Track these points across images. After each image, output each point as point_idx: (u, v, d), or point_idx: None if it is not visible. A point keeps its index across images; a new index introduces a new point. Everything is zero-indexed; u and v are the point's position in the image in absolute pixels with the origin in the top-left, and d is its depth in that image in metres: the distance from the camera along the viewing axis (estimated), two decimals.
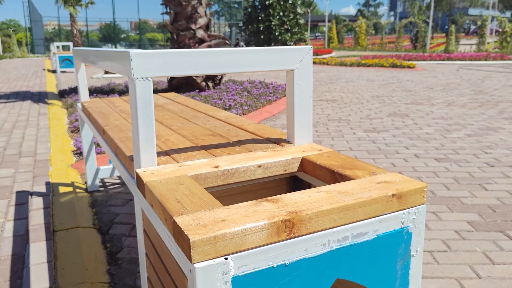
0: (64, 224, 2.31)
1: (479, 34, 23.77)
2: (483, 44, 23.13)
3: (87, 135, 2.71)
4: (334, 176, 1.10)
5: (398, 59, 14.91)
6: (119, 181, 2.98)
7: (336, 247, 0.88)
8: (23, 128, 4.61)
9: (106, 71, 11.08)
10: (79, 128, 2.77)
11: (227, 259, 0.76)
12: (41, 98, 6.98)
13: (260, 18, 17.84)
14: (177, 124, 1.73)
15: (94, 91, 7.11)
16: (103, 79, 10.07)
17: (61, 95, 7.21)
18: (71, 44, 13.35)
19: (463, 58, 15.38)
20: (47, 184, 2.89)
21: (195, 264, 0.73)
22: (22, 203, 2.56)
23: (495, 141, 3.80)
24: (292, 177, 1.39)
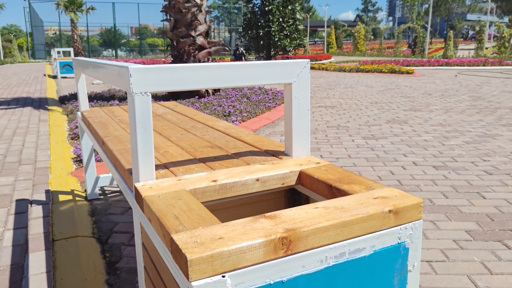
0: (63, 233, 2.31)
1: (477, 39, 23.88)
2: (481, 49, 23.22)
3: (86, 143, 2.72)
4: (332, 191, 1.11)
5: (397, 64, 14.97)
6: (118, 189, 2.98)
7: (333, 263, 0.89)
8: (23, 135, 4.61)
9: None
10: (79, 136, 2.78)
11: (224, 277, 0.76)
12: (41, 104, 6.99)
13: (259, 23, 17.92)
14: (176, 135, 1.74)
15: (94, 98, 7.13)
16: (103, 85, 10.10)
17: (61, 101, 7.23)
18: (71, 49, 13.40)
19: (461, 63, 15.44)
20: (47, 192, 2.90)
21: (192, 282, 0.74)
22: (21, 211, 2.56)
23: (493, 148, 3.81)
24: (290, 189, 1.39)
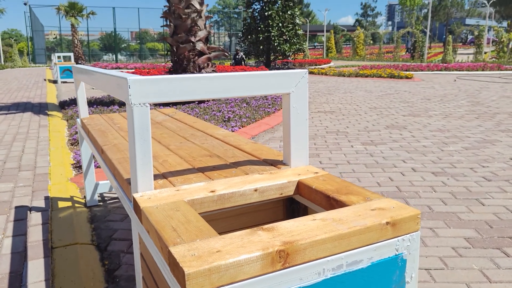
0: (62, 240, 2.31)
1: (476, 44, 23.96)
2: (480, 54, 23.29)
3: (86, 150, 2.73)
4: (330, 201, 1.11)
5: (396, 69, 15.00)
6: (118, 195, 2.98)
7: (331, 276, 0.89)
8: (23, 140, 4.62)
9: None
10: (79, 142, 2.79)
11: None
12: (41, 109, 7.00)
13: (259, 28, 17.97)
14: (175, 144, 1.75)
15: (94, 103, 7.14)
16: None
17: (61, 106, 7.24)
18: (71, 54, 13.42)
19: (460, 68, 15.48)
20: (46, 198, 2.90)
21: None
22: (21, 218, 2.56)
23: (492, 154, 3.82)
24: (289, 198, 1.40)
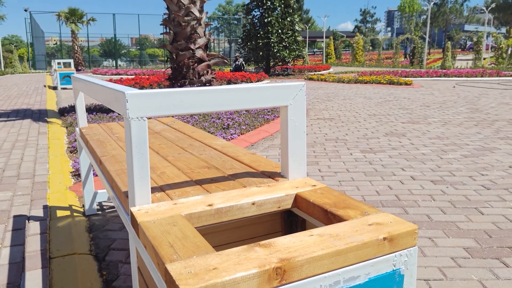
0: (60, 250, 2.30)
1: (475, 50, 24.06)
2: (479, 60, 23.38)
3: (85, 159, 2.73)
4: (327, 216, 1.11)
5: (395, 75, 15.04)
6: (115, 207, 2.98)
7: None
8: (22, 148, 4.62)
9: None
10: (78, 150, 2.79)
11: None
12: (41, 116, 7.01)
13: (259, 35, 18.04)
14: (173, 154, 1.75)
15: (94, 110, 7.15)
16: None
17: (61, 113, 7.25)
18: (71, 61, 13.46)
19: (459, 74, 15.52)
20: (45, 207, 2.89)
21: None
22: (19, 228, 2.56)
23: (491, 162, 3.82)
24: (287, 211, 1.40)
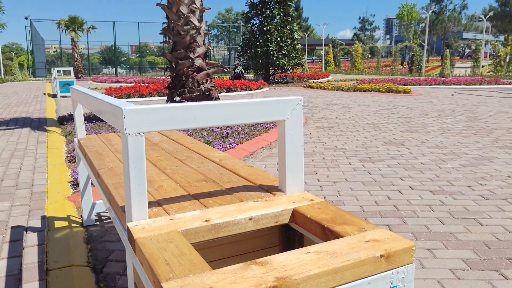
0: (58, 262, 2.29)
1: (474, 58, 24.18)
2: (478, 67, 23.49)
3: (83, 170, 2.72)
4: (324, 231, 1.11)
5: (394, 83, 15.10)
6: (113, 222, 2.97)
7: None
8: (21, 157, 4.62)
9: None
10: (76, 161, 2.79)
11: None
12: (40, 125, 7.02)
13: (258, 43, 18.13)
14: (171, 167, 1.75)
15: (93, 118, 7.16)
16: None
17: (60, 121, 7.26)
18: (71, 69, 13.51)
19: (458, 82, 15.58)
20: (43, 218, 2.88)
21: None
22: (16, 239, 2.55)
23: (490, 171, 3.82)
24: (284, 225, 1.39)
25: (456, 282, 1.98)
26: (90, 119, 7.07)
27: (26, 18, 30.00)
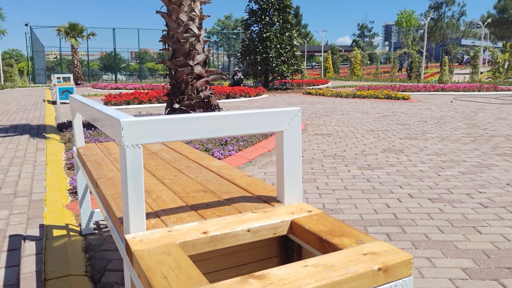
0: (56, 271, 2.28)
1: (472, 64, 24.29)
2: (476, 74, 23.58)
3: (82, 178, 2.72)
4: (323, 244, 1.11)
5: (393, 90, 15.14)
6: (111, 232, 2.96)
7: None
8: (20, 165, 4.61)
9: (105, 104, 11.20)
10: (75, 169, 2.79)
11: None
12: (39, 132, 7.02)
13: (257, 49, 18.21)
14: (169, 177, 1.75)
15: (93, 125, 7.16)
16: None
17: (59, 128, 7.26)
18: (71, 76, 13.54)
19: (457, 88, 15.63)
20: (41, 226, 2.88)
21: None
22: (14, 248, 2.54)
23: (489, 179, 3.82)
24: (283, 236, 1.39)
25: None
26: (90, 126, 7.07)
27: (27, 25, 30.13)
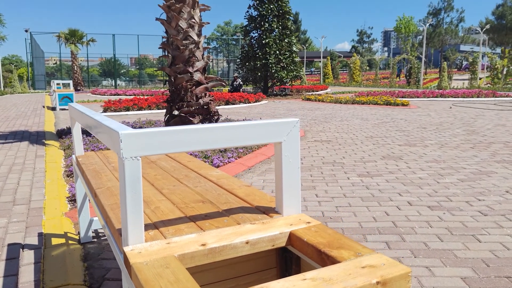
0: (54, 281, 2.27)
1: (471, 70, 24.37)
2: (475, 80, 23.65)
3: (81, 186, 2.72)
4: (321, 256, 1.11)
5: (392, 96, 15.18)
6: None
7: None
8: (19, 172, 4.61)
9: (105, 110, 11.21)
10: (74, 177, 2.79)
11: None
12: (38, 138, 7.02)
13: (257, 56, 18.27)
14: (168, 187, 1.75)
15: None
16: None
17: (59, 135, 7.26)
18: (71, 82, 13.56)
19: (456, 95, 15.67)
20: (40, 235, 2.87)
21: None
22: (13, 257, 2.53)
23: (488, 186, 3.82)
24: (282, 247, 1.39)
25: None
26: (89, 132, 7.07)
27: (26, 31, 30.23)
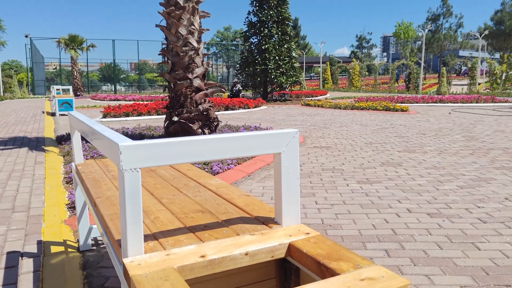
0: None
1: (470, 75, 24.46)
2: (474, 85, 23.73)
3: (80, 195, 2.72)
4: (320, 268, 1.11)
5: (391, 101, 15.21)
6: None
7: None
8: (18, 179, 4.61)
9: (104, 115, 11.22)
10: (73, 185, 2.79)
11: None
12: (38, 144, 7.02)
13: (256, 61, 18.33)
14: (167, 196, 1.75)
15: None
16: (101, 123, 10.17)
17: (58, 141, 7.26)
18: (70, 87, 13.59)
19: (455, 100, 15.71)
20: (39, 243, 2.86)
21: None
22: (12, 265, 2.52)
23: (487, 193, 3.83)
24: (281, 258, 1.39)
25: None
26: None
27: (26, 36, 30.32)
